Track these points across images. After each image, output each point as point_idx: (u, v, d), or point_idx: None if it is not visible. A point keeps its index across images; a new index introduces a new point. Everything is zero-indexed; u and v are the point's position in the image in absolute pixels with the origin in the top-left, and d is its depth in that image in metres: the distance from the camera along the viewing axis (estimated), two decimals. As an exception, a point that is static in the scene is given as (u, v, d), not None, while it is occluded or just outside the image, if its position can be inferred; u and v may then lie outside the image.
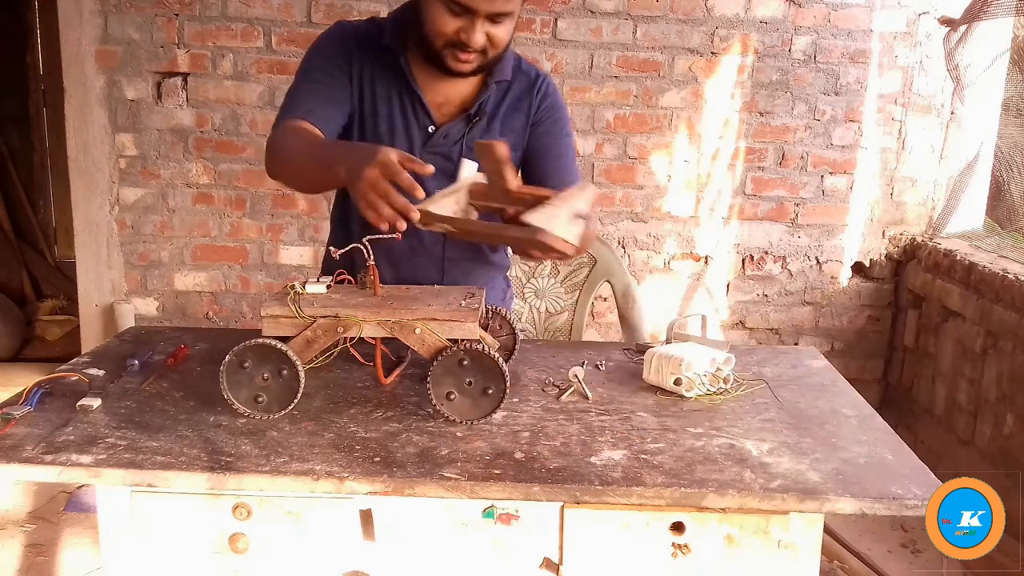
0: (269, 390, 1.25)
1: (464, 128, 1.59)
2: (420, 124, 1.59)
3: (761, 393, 1.44)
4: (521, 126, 1.64)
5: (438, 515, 1.17)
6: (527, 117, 1.64)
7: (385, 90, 1.58)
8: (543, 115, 1.65)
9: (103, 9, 3.00)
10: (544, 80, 1.66)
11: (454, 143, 1.60)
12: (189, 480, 1.11)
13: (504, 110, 1.62)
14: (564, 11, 3.04)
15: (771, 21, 3.07)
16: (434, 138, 1.59)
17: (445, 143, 1.59)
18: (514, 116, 1.64)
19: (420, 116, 1.58)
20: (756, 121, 3.15)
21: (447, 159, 1.57)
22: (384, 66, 1.57)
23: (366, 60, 1.57)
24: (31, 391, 1.31)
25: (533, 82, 1.65)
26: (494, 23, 1.44)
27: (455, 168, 1.57)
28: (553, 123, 1.67)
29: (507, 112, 1.63)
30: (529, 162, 1.68)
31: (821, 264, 3.27)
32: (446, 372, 1.25)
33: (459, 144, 1.60)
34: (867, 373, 3.35)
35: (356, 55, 1.57)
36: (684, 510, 1.13)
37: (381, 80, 1.58)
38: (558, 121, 1.68)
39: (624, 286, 2.17)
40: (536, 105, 1.64)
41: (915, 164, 3.20)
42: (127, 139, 3.10)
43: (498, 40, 1.47)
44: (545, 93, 1.66)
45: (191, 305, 3.23)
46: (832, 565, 2.43)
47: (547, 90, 1.66)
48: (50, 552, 2.44)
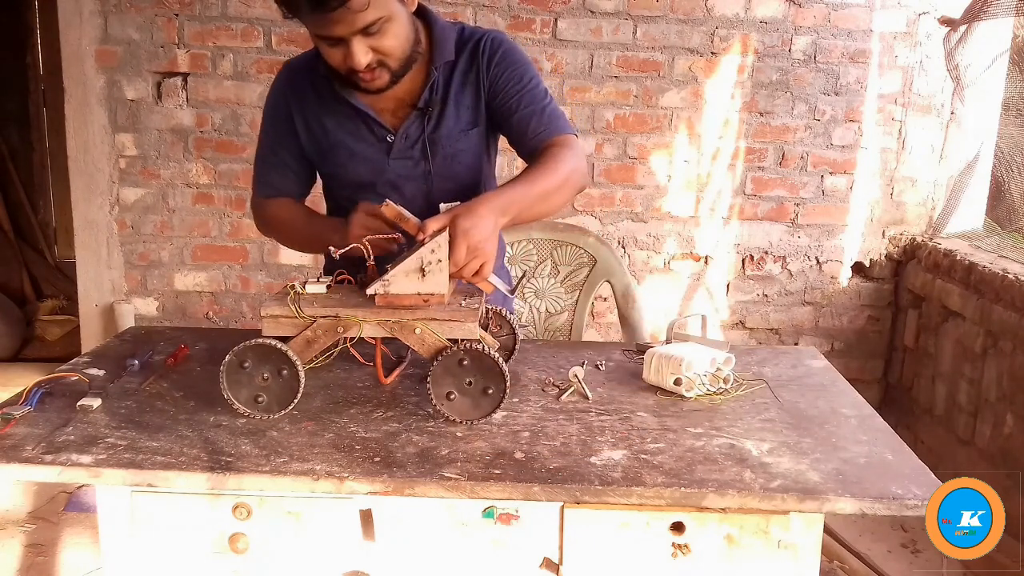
0: (269, 390, 1.25)
1: (422, 123, 1.55)
2: (378, 137, 1.56)
3: (761, 393, 1.44)
4: (473, 100, 1.56)
5: (438, 515, 1.17)
6: (478, 87, 1.56)
7: (334, 119, 1.56)
8: (496, 74, 1.55)
9: (103, 9, 3.00)
10: (486, 39, 1.55)
11: (415, 142, 1.56)
12: (189, 480, 1.11)
13: (454, 90, 1.55)
14: (564, 11, 3.04)
15: (771, 21, 3.07)
16: (395, 146, 1.56)
17: (407, 144, 1.56)
18: (464, 92, 1.56)
19: (376, 129, 1.56)
20: (756, 121, 3.15)
21: (415, 160, 1.57)
22: (328, 97, 1.55)
23: (306, 101, 1.58)
24: (31, 391, 1.31)
25: (476, 47, 1.55)
26: (370, 36, 1.37)
27: (425, 169, 1.57)
28: (509, 78, 1.54)
29: (457, 91, 1.55)
30: (504, 124, 1.58)
31: (821, 264, 3.27)
32: (446, 372, 1.25)
33: (420, 140, 1.56)
34: (867, 373, 3.35)
35: (294, 102, 1.58)
36: (684, 510, 1.13)
37: (327, 112, 1.56)
38: (515, 73, 1.55)
39: (624, 286, 2.17)
40: (485, 69, 1.55)
41: (915, 164, 3.20)
42: (127, 139, 3.10)
43: (387, 48, 1.40)
44: (490, 52, 1.55)
45: (191, 305, 3.23)
46: (832, 565, 2.43)
47: (491, 47, 1.55)
48: (50, 552, 2.44)
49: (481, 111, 1.57)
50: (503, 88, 1.55)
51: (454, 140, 1.57)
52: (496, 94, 1.55)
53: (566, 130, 1.54)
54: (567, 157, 1.48)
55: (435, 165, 1.57)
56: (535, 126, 1.53)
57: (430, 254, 1.24)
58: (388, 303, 1.26)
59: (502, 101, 1.55)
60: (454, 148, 1.57)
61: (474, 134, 1.58)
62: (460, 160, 1.59)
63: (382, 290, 1.25)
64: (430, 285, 1.25)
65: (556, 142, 1.51)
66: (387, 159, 1.57)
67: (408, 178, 1.58)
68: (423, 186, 1.59)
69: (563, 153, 1.48)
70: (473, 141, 1.59)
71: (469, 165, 1.60)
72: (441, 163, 1.57)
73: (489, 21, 3.01)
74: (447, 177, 1.59)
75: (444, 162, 1.58)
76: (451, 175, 1.59)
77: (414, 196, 1.58)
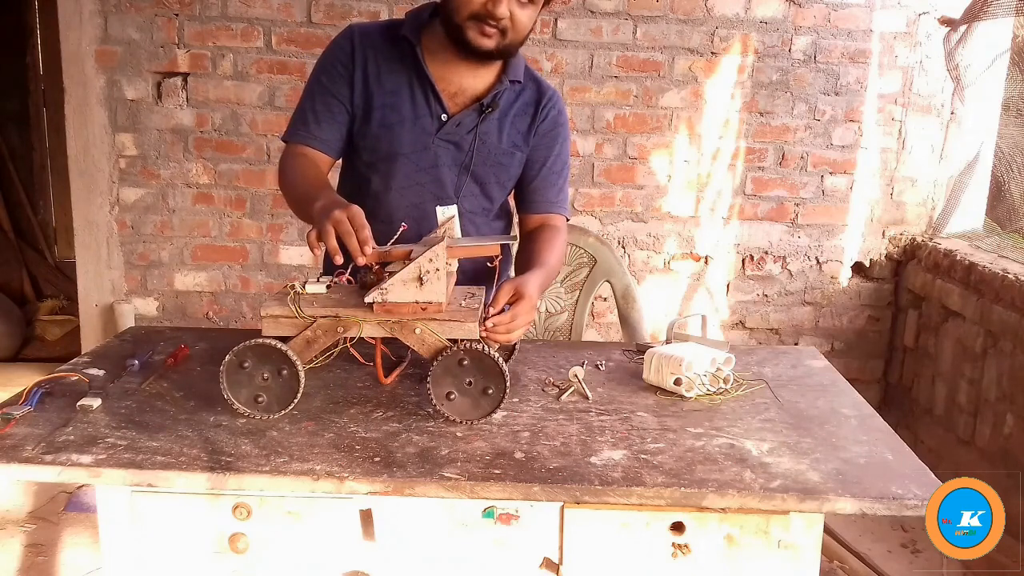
0: (269, 390, 1.25)
1: (476, 118, 1.62)
2: (433, 113, 1.61)
3: (761, 393, 1.44)
4: (526, 129, 1.67)
5: (438, 515, 1.17)
6: (532, 122, 1.67)
7: (395, 82, 1.61)
8: (546, 128, 1.68)
9: (103, 9, 3.00)
10: (555, 96, 1.70)
11: (467, 132, 1.62)
12: (189, 480, 1.11)
13: (515, 111, 1.66)
14: (564, 11, 3.04)
15: (771, 21, 3.07)
16: (447, 126, 1.61)
17: (457, 131, 1.62)
18: (522, 118, 1.67)
19: (433, 105, 1.61)
20: (756, 121, 3.15)
21: (458, 148, 1.62)
22: (396, 59, 1.61)
23: (372, 56, 1.61)
24: (31, 391, 1.31)
25: (543, 93, 1.69)
26: (520, 3, 1.49)
27: (464, 161, 1.62)
28: (554, 137, 1.70)
29: (517, 113, 1.66)
30: (525, 171, 1.71)
31: (821, 264, 3.27)
32: (446, 372, 1.25)
33: (472, 133, 1.62)
34: (867, 373, 3.35)
35: (359, 54, 1.61)
36: (684, 510, 1.13)
37: (391, 73, 1.61)
38: (559, 139, 1.71)
39: (624, 286, 2.17)
40: (543, 116, 1.68)
41: (915, 164, 3.20)
42: (127, 139, 3.10)
43: (520, 23, 1.52)
44: (555, 109, 1.69)
45: (191, 305, 3.23)
46: (832, 565, 2.43)
47: (556, 105, 1.70)
48: (50, 552, 2.44)
49: (528, 142, 1.68)
50: (547, 144, 1.69)
51: (500, 152, 1.65)
52: (537, 145, 1.69)
53: (566, 212, 1.75)
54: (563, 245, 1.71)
55: (475, 163, 1.63)
56: (550, 196, 1.72)
57: (428, 263, 1.24)
58: (386, 311, 1.26)
59: (535, 153, 1.69)
60: (497, 159, 1.65)
61: (517, 157, 1.68)
62: (496, 173, 1.67)
63: (380, 298, 1.25)
64: (428, 294, 1.25)
65: (558, 224, 1.72)
66: (434, 136, 1.61)
67: (444, 164, 1.63)
68: (454, 177, 1.64)
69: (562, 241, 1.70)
70: (515, 161, 1.68)
71: (501, 182, 1.69)
72: (481, 164, 1.64)
73: (489, 21, 3.00)
74: (479, 181, 1.66)
75: (483, 166, 1.64)
76: (483, 181, 1.66)
77: (440, 185, 1.64)
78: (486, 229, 1.71)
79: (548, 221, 1.71)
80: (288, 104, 3.02)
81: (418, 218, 1.61)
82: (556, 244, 1.65)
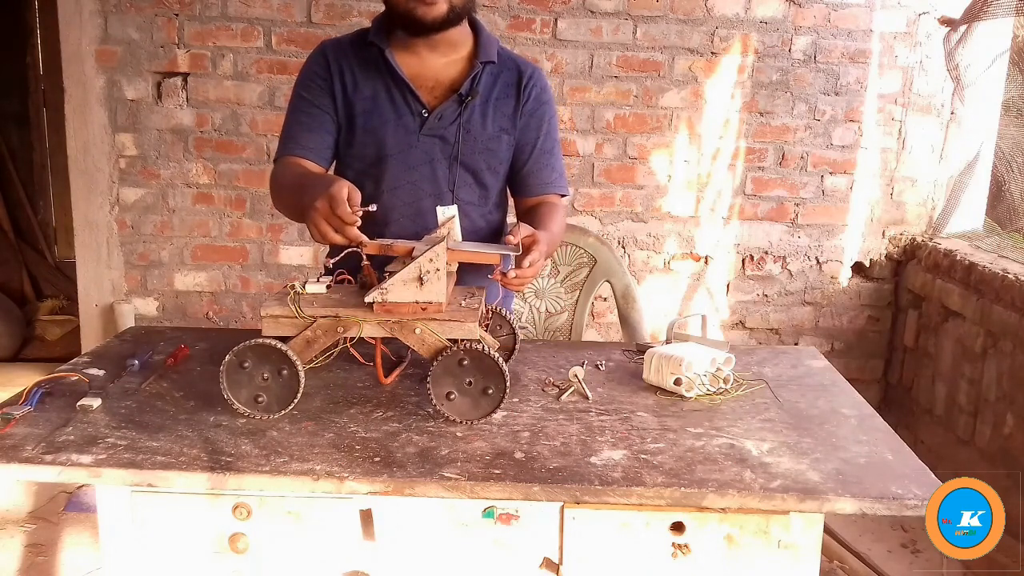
0: (269, 390, 1.25)
1: (458, 108, 1.62)
2: (413, 111, 1.63)
3: (761, 393, 1.44)
4: (511, 111, 1.68)
5: (438, 515, 1.17)
6: (517, 104, 1.68)
7: (372, 88, 1.63)
8: (532, 108, 1.69)
9: (103, 9, 3.00)
10: (536, 73, 1.70)
11: (450, 124, 1.63)
12: (189, 480, 1.11)
13: (497, 94, 1.66)
14: (564, 11, 3.04)
15: (771, 21, 3.07)
16: (428, 121, 1.62)
17: (440, 125, 1.63)
18: (505, 101, 1.67)
19: (412, 103, 1.62)
20: (756, 121, 3.15)
21: (444, 141, 1.63)
22: (369, 65, 1.64)
23: (346, 67, 1.64)
24: (31, 391, 1.31)
25: (524, 72, 1.69)
26: None
27: (452, 153, 1.63)
28: (541, 117, 1.70)
29: (500, 96, 1.67)
30: (518, 154, 1.71)
31: (821, 264, 3.26)
32: (446, 372, 1.25)
33: (455, 124, 1.63)
34: (867, 373, 3.35)
35: (334, 66, 1.65)
36: (684, 510, 1.13)
37: (367, 79, 1.64)
38: (547, 117, 1.71)
39: (624, 286, 2.17)
40: (527, 96, 1.68)
41: (915, 164, 3.20)
42: (127, 139, 3.10)
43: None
44: (538, 86, 1.69)
45: (191, 305, 3.23)
46: (832, 565, 2.43)
47: (539, 82, 1.70)
48: (50, 552, 2.44)
49: (516, 124, 1.68)
50: (535, 123, 1.69)
51: (487, 138, 1.65)
52: (525, 126, 1.69)
53: (565, 189, 1.75)
54: (563, 220, 1.72)
55: (464, 153, 1.63)
56: (546, 177, 1.71)
57: (428, 263, 1.24)
58: (386, 311, 1.26)
59: (524, 135, 1.69)
60: (485, 145, 1.65)
61: (505, 140, 1.67)
62: (487, 159, 1.67)
63: (380, 298, 1.25)
64: (428, 294, 1.25)
65: (555, 202, 1.72)
66: (418, 134, 1.62)
67: (433, 159, 1.64)
68: (445, 170, 1.65)
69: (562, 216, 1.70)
70: (503, 145, 1.68)
71: (492, 168, 1.69)
72: (469, 154, 1.64)
73: (489, 21, 3.01)
74: (470, 170, 1.66)
75: (472, 154, 1.65)
76: (474, 169, 1.66)
77: (433, 179, 1.64)
78: (482, 222, 1.71)
79: (546, 200, 1.72)
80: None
81: (415, 216, 1.63)
82: (556, 216, 1.66)
